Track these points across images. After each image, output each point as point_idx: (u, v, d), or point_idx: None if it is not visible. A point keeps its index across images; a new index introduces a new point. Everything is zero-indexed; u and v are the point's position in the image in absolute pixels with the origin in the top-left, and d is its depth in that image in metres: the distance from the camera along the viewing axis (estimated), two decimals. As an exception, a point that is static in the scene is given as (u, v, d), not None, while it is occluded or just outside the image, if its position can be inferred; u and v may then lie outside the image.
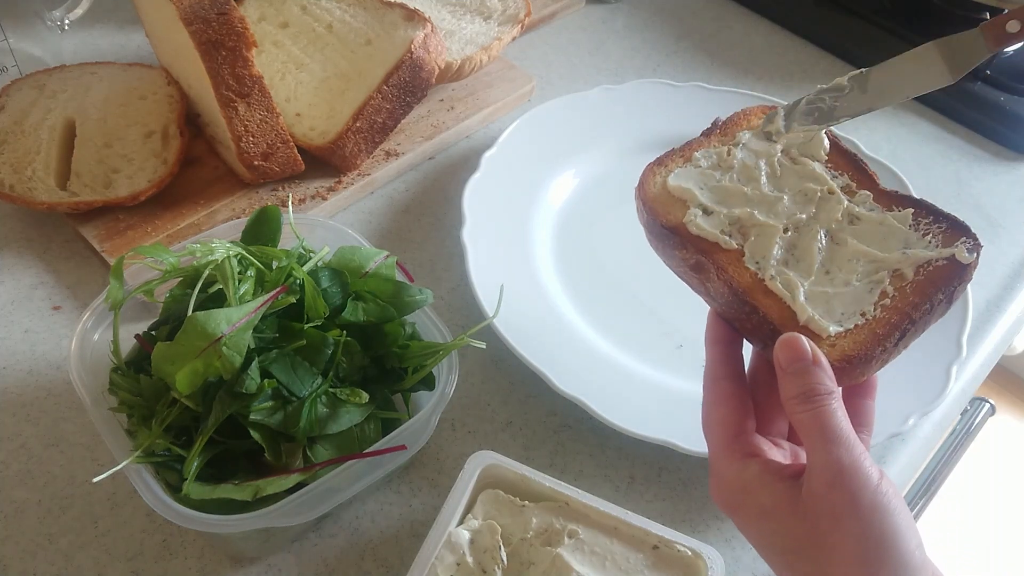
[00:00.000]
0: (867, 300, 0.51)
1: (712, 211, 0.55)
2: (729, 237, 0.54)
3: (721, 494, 0.48)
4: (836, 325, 0.50)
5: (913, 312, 0.50)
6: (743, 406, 0.49)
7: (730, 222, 0.55)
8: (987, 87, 0.96)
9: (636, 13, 1.09)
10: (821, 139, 0.58)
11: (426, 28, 0.79)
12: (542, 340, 0.68)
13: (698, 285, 0.55)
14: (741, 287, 0.52)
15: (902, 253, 0.53)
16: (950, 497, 1.62)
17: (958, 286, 0.52)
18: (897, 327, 0.50)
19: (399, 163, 0.84)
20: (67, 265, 0.75)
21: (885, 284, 0.52)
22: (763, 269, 0.53)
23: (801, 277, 0.52)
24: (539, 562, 0.53)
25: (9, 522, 0.59)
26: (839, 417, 0.44)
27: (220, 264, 0.53)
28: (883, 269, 0.53)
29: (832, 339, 0.50)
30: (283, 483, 0.51)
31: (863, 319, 0.51)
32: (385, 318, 0.57)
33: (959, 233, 0.53)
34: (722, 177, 0.56)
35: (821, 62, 1.04)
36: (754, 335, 0.52)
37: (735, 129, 0.59)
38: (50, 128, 0.77)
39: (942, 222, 0.54)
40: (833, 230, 0.54)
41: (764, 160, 0.57)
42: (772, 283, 0.52)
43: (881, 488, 0.41)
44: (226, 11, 0.70)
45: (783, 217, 0.54)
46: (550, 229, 0.80)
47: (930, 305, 0.51)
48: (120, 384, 0.55)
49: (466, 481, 0.56)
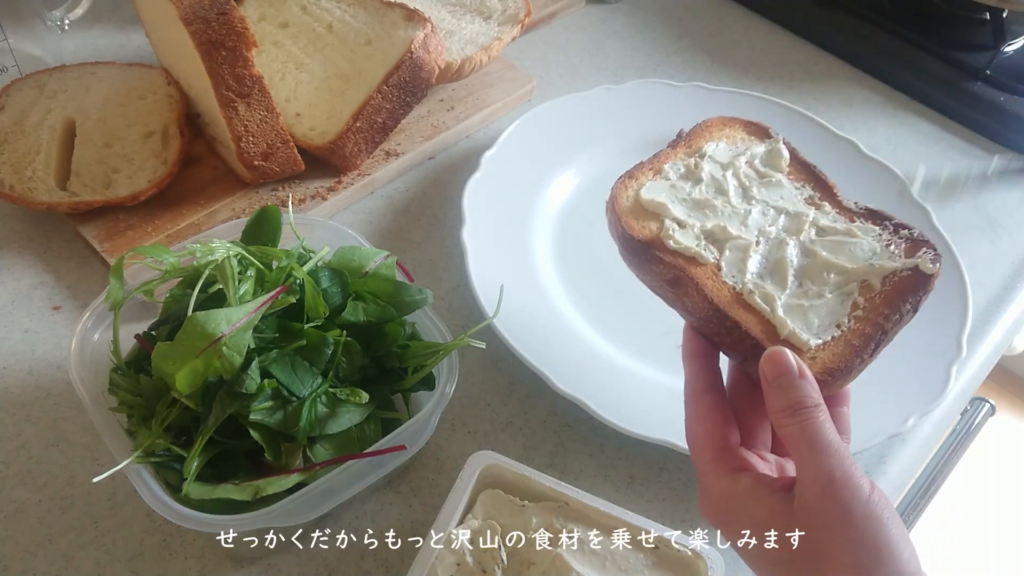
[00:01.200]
0: (841, 312, 0.52)
1: (687, 224, 0.55)
2: (705, 251, 0.54)
3: (711, 507, 0.48)
4: (815, 338, 0.51)
5: (885, 322, 0.52)
6: (726, 419, 0.49)
7: (704, 235, 0.55)
8: (987, 87, 0.96)
9: (636, 13, 1.09)
10: (781, 151, 0.59)
11: (426, 28, 0.79)
12: (542, 340, 0.68)
13: (674, 300, 0.55)
14: (721, 302, 0.52)
15: (869, 264, 0.54)
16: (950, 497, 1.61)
17: (923, 296, 0.53)
18: (872, 338, 0.51)
19: (399, 163, 0.84)
20: (67, 265, 0.75)
21: (855, 295, 0.53)
22: (741, 283, 0.53)
23: (778, 289, 0.53)
24: (539, 562, 0.53)
25: (9, 522, 0.59)
26: (827, 429, 0.44)
27: (220, 264, 0.53)
28: (852, 280, 0.53)
29: (813, 352, 0.51)
30: (283, 483, 0.51)
31: (839, 331, 0.52)
32: (385, 318, 0.57)
33: (920, 244, 0.55)
34: (692, 189, 0.57)
35: (821, 62, 1.04)
36: (733, 349, 0.52)
37: (699, 141, 0.60)
38: (50, 128, 0.77)
39: (902, 232, 0.55)
40: (802, 242, 0.55)
41: (731, 172, 0.58)
42: (751, 297, 0.52)
43: (873, 498, 0.42)
44: (226, 11, 0.70)
45: (754, 230, 0.55)
46: (550, 229, 0.80)
47: (899, 315, 0.52)
48: (120, 384, 0.55)
49: (466, 481, 0.56)
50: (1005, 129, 0.95)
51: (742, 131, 0.61)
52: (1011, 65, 0.98)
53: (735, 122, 0.62)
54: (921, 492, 0.90)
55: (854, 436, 0.64)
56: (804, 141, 0.86)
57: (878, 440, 0.64)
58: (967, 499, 1.81)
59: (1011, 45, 1.00)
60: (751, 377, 0.52)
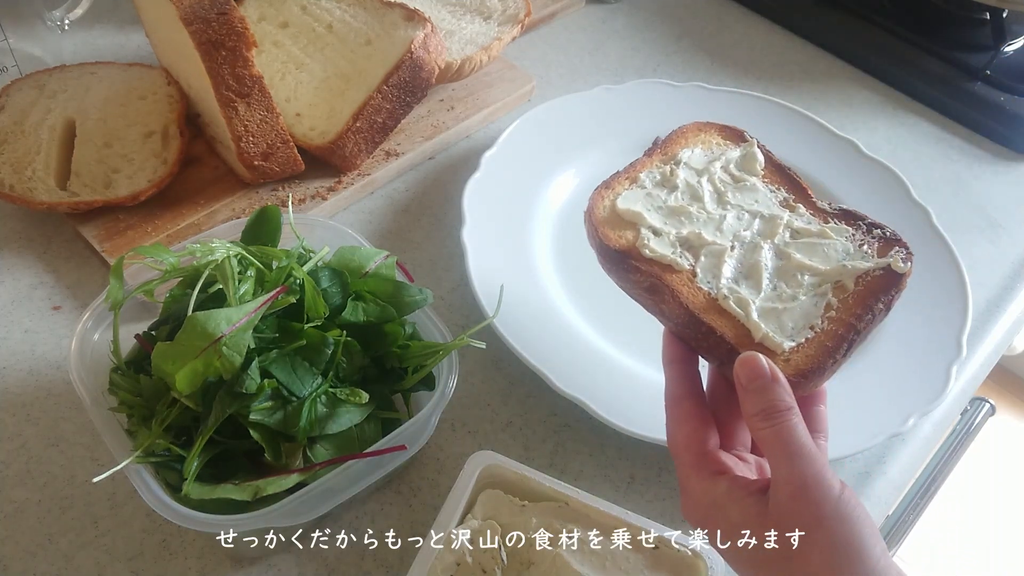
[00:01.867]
0: (814, 313, 0.53)
1: (662, 232, 0.56)
2: (680, 258, 0.55)
3: (692, 511, 0.49)
4: (789, 340, 0.52)
5: (857, 323, 0.52)
6: (706, 424, 0.50)
7: (680, 242, 0.56)
8: (987, 87, 0.96)
9: (636, 13, 1.09)
10: (755, 154, 0.59)
11: (426, 28, 0.79)
12: (542, 340, 0.68)
13: (652, 306, 0.56)
14: (696, 308, 0.53)
15: (842, 265, 0.54)
16: (950, 497, 1.62)
17: (895, 295, 0.53)
18: (844, 338, 0.51)
19: (399, 163, 0.84)
20: (67, 265, 0.75)
21: (829, 296, 0.53)
22: (716, 288, 0.54)
23: (752, 293, 0.54)
24: (539, 562, 0.53)
25: (9, 522, 0.59)
26: (800, 432, 0.45)
27: (220, 264, 0.53)
28: (827, 282, 0.54)
29: (787, 355, 0.51)
30: (283, 483, 0.51)
31: (812, 332, 0.52)
32: (385, 318, 0.57)
33: (892, 243, 0.55)
34: (668, 197, 0.58)
35: (821, 62, 1.04)
36: (711, 353, 0.53)
37: (675, 148, 0.61)
38: (50, 128, 0.77)
39: (875, 232, 0.56)
40: (777, 245, 0.55)
41: (706, 178, 0.59)
42: (725, 302, 0.53)
43: (844, 497, 0.43)
44: (226, 11, 0.70)
45: (729, 235, 0.56)
46: (550, 229, 0.80)
47: (872, 315, 0.52)
48: (120, 384, 0.55)
49: (466, 481, 0.56)
50: (1005, 129, 0.95)
51: (718, 136, 0.62)
52: (1011, 65, 0.98)
53: (711, 127, 0.62)
54: (921, 492, 0.90)
55: (854, 436, 0.64)
56: (804, 141, 0.87)
57: (878, 440, 0.64)
58: (967, 499, 1.81)
59: (1011, 45, 1.00)
60: (729, 380, 0.53)
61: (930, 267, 0.76)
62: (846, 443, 0.63)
